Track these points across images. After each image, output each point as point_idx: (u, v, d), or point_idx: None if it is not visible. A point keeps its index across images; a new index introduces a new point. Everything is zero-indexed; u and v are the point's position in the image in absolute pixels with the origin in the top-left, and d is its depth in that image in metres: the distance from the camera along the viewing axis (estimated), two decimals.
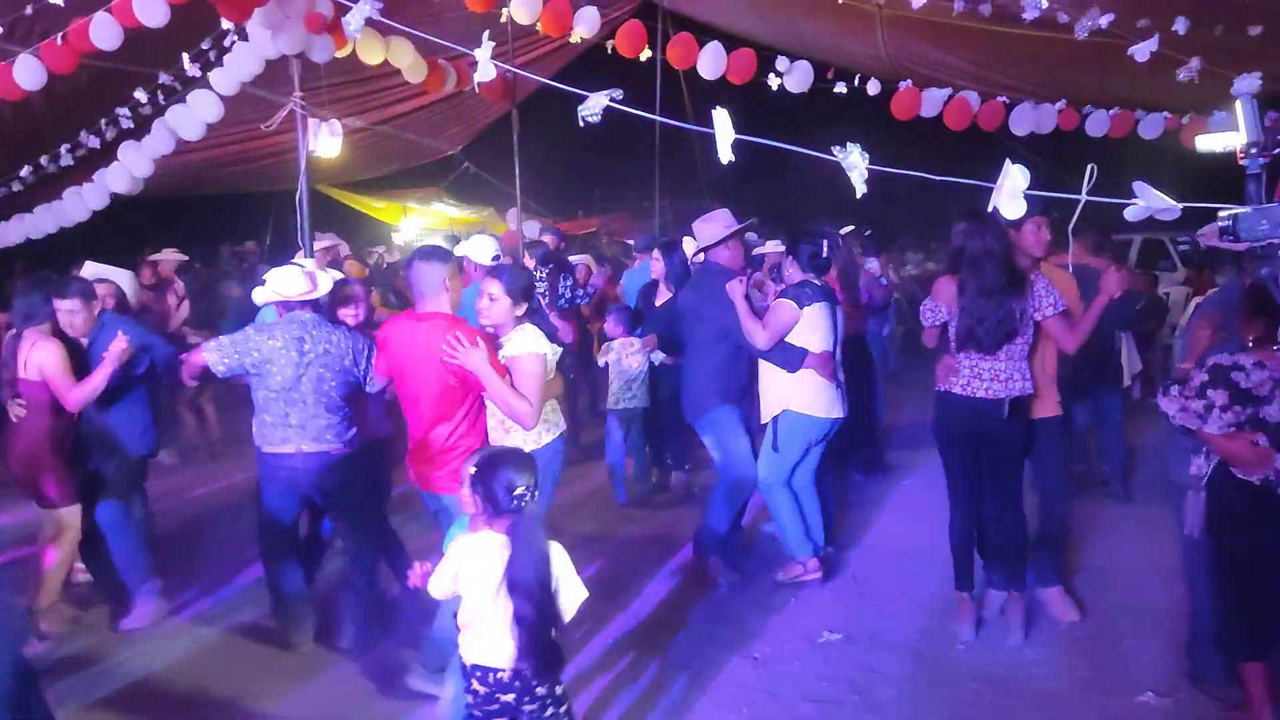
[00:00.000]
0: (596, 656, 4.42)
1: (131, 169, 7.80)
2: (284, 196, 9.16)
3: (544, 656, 2.81)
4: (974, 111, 8.83)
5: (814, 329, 4.91)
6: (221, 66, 7.05)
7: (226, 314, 8.71)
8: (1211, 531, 3.62)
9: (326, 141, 7.05)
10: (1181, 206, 2.60)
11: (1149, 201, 2.63)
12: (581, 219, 20.00)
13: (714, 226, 5.25)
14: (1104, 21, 6.14)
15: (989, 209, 2.97)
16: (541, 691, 2.85)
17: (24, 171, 9.04)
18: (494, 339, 3.87)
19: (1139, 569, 5.21)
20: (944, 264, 4.97)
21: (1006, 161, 2.77)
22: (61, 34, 6.44)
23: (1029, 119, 8.83)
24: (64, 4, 6.00)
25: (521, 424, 3.73)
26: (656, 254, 6.93)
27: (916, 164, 3.10)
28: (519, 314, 3.90)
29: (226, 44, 7.05)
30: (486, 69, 4.02)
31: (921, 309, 4.51)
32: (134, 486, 5.09)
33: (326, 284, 4.56)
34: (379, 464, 5.07)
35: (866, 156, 2.79)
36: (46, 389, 4.57)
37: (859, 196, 2.79)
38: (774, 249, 7.41)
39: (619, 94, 3.39)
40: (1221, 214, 2.44)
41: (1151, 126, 8.82)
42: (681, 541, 5.78)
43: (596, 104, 3.38)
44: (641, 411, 6.81)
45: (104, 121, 8.41)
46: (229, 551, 5.79)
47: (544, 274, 7.49)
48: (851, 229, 7.74)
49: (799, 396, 4.97)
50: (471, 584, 2.87)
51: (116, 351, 4.52)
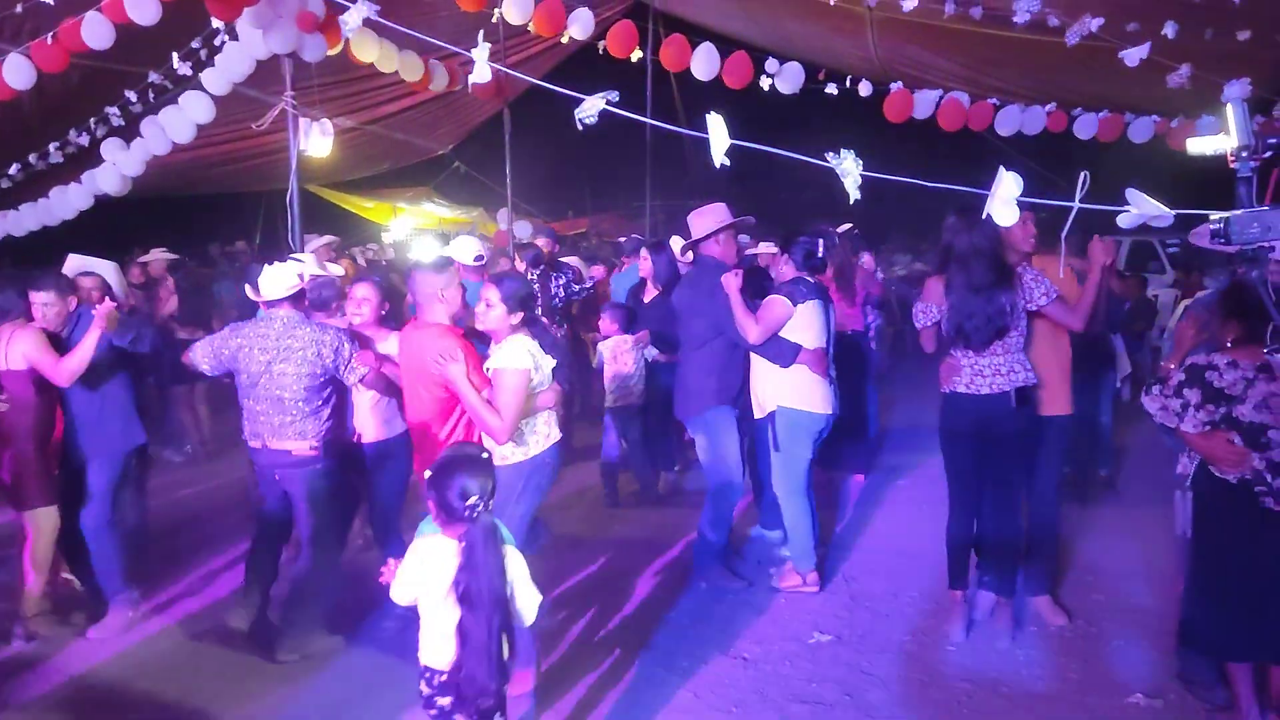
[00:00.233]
0: (585, 655, 4.40)
1: (122, 169, 7.77)
2: (274, 196, 9.13)
3: (484, 667, 2.76)
4: (966, 113, 8.87)
5: (808, 326, 4.91)
6: (213, 66, 7.03)
7: (221, 312, 8.68)
8: (1194, 530, 3.66)
9: (318, 141, 7.04)
10: (1174, 213, 2.62)
11: (1141, 208, 2.65)
12: (571, 219, 19.98)
13: (709, 219, 5.17)
14: (1094, 26, 6.17)
15: (983, 216, 2.98)
16: (481, 702, 2.83)
17: (13, 169, 8.99)
18: (490, 342, 4.00)
19: (1128, 570, 5.23)
20: (933, 265, 4.98)
21: (1000, 169, 2.78)
22: (52, 33, 6.41)
23: (1016, 120, 8.88)
24: (54, 3, 5.97)
25: (493, 438, 3.80)
26: (645, 253, 6.93)
27: (907, 164, 3.11)
28: (514, 323, 3.94)
29: (217, 43, 7.03)
30: (483, 70, 4.02)
31: (914, 312, 4.52)
32: (123, 486, 4.93)
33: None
34: (355, 472, 4.89)
35: (860, 163, 2.80)
36: (31, 380, 4.53)
37: (852, 202, 2.80)
38: (766, 250, 7.40)
39: (615, 96, 3.39)
40: (1213, 217, 2.46)
41: (1141, 130, 8.87)
42: (671, 541, 5.77)
43: (593, 106, 3.37)
44: (639, 409, 6.78)
45: (94, 121, 8.38)
46: (219, 550, 5.78)
47: (534, 276, 7.51)
48: (849, 227, 7.73)
49: (793, 392, 4.95)
50: (424, 586, 2.88)
51: (104, 311, 4.50)
